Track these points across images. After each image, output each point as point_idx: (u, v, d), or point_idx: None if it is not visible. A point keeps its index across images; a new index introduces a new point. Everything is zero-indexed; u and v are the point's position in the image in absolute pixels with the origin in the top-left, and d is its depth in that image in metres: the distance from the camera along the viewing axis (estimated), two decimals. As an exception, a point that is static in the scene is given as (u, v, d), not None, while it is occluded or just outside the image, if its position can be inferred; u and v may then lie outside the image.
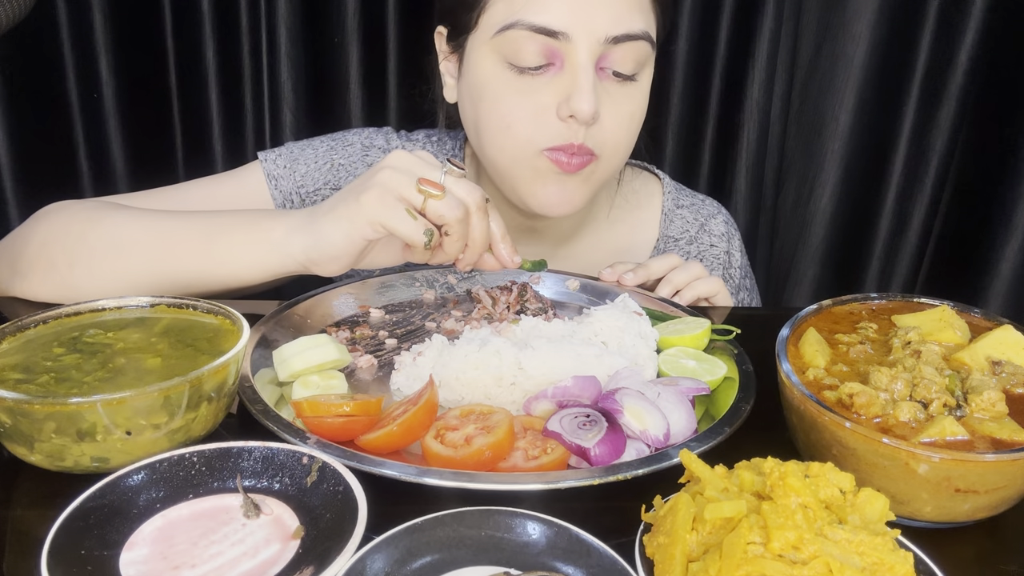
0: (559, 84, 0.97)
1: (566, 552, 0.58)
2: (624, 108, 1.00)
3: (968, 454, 0.61)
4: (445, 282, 1.09)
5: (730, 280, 1.29)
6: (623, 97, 1.00)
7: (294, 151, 1.18)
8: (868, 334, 0.80)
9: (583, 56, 0.94)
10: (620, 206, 1.27)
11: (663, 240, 1.27)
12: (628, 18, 0.95)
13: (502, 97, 0.99)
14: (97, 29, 1.67)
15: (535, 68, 0.96)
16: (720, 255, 1.28)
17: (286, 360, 0.83)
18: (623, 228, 1.27)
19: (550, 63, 0.96)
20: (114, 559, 0.57)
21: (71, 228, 0.98)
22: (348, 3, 1.65)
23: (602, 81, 0.98)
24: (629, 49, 0.96)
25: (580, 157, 0.99)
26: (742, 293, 1.30)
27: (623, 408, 0.72)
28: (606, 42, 0.94)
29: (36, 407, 0.63)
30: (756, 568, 0.50)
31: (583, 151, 0.98)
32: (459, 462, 0.67)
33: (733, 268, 1.29)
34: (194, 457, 0.65)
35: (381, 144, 1.22)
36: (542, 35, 0.94)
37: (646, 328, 0.92)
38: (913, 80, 1.68)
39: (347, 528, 0.57)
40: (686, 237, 1.27)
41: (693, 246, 1.27)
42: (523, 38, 0.95)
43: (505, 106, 0.99)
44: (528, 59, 0.96)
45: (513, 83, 0.98)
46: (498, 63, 0.98)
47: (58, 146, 1.72)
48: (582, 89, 0.94)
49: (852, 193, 1.81)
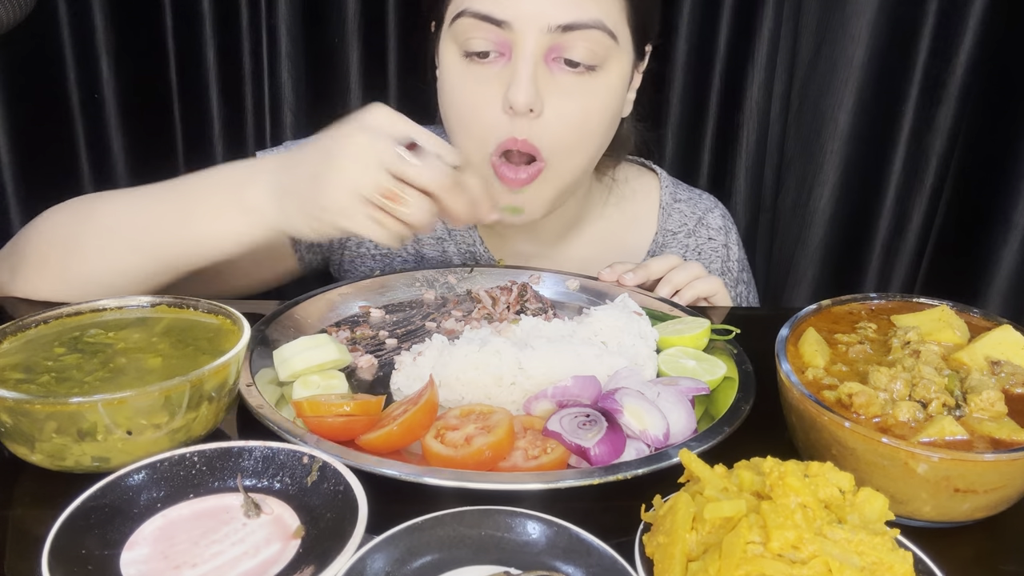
0: (505, 75, 0.95)
1: (566, 552, 0.58)
2: (575, 101, 0.97)
3: (967, 454, 0.61)
4: (445, 282, 1.09)
5: (728, 273, 1.29)
6: (576, 89, 0.96)
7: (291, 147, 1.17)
8: (867, 334, 0.80)
9: (527, 45, 0.93)
10: (617, 201, 1.27)
11: (661, 234, 1.27)
12: (578, 6, 0.92)
13: (456, 88, 0.99)
14: (98, 29, 1.66)
15: (483, 55, 0.95)
16: (718, 248, 1.28)
17: (286, 360, 0.83)
18: (620, 222, 1.27)
19: (500, 53, 0.95)
20: (115, 558, 0.57)
21: (62, 223, 0.98)
22: (348, 3, 1.65)
23: (553, 73, 0.96)
24: (581, 38, 0.93)
25: (525, 171, 0.97)
26: (740, 286, 1.31)
27: (623, 408, 0.72)
28: (553, 30, 0.92)
29: (37, 407, 0.63)
30: (755, 567, 0.50)
31: (527, 147, 0.96)
32: (459, 462, 0.68)
33: (731, 261, 1.29)
34: (195, 457, 0.65)
35: None
36: (487, 23, 0.93)
37: (646, 328, 0.92)
38: (913, 80, 1.68)
39: (347, 528, 0.57)
40: (684, 230, 1.27)
41: (691, 239, 1.27)
42: (471, 26, 0.94)
43: (459, 97, 0.98)
44: (477, 45, 0.95)
45: (465, 70, 0.97)
46: (455, 53, 0.98)
47: (58, 146, 1.72)
48: (520, 79, 0.93)
49: (852, 193, 1.81)
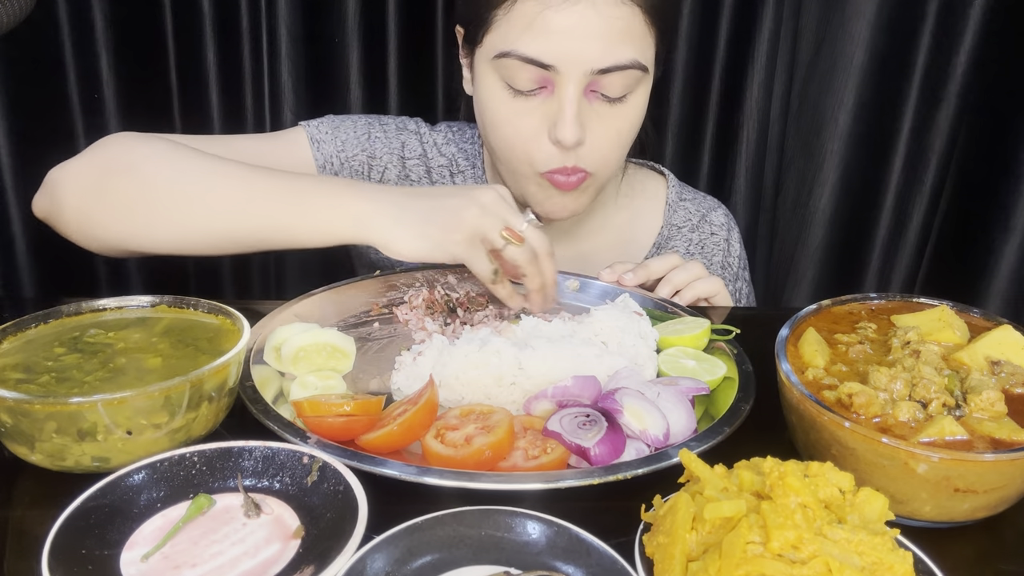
0: (549, 108, 1.03)
1: (566, 552, 0.58)
2: (612, 126, 1.06)
3: (967, 454, 0.61)
4: (446, 281, 1.09)
5: (729, 268, 1.33)
6: (612, 117, 1.06)
7: (335, 121, 1.25)
8: (867, 334, 0.80)
9: (570, 88, 1.00)
10: (627, 194, 1.33)
11: (667, 227, 1.32)
12: (617, 51, 1.00)
13: (502, 120, 1.07)
14: (97, 29, 1.66)
15: (529, 91, 1.03)
16: (720, 243, 1.33)
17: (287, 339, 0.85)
18: (627, 217, 1.33)
19: (543, 87, 1.03)
20: (115, 558, 0.57)
21: (149, 170, 0.97)
22: (348, 3, 1.65)
23: (592, 104, 1.04)
24: (618, 77, 1.01)
25: (576, 175, 1.07)
26: (740, 282, 1.34)
27: (623, 408, 0.72)
28: (594, 73, 1.00)
29: (37, 407, 0.63)
30: (755, 567, 0.50)
31: (576, 171, 1.07)
32: (459, 462, 0.68)
33: (732, 257, 1.34)
34: (195, 457, 0.65)
35: (413, 128, 1.29)
36: (533, 65, 1.00)
37: (646, 328, 0.92)
38: (912, 80, 1.68)
39: (347, 527, 0.57)
40: (688, 225, 1.33)
41: (695, 234, 1.33)
42: (516, 66, 1.01)
43: (505, 129, 1.07)
44: (522, 84, 1.02)
45: (510, 104, 1.05)
46: (497, 82, 1.05)
47: (58, 146, 1.71)
48: (566, 120, 1.01)
49: (852, 193, 1.81)
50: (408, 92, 1.74)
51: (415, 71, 1.73)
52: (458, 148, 1.30)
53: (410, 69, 1.72)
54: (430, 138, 1.29)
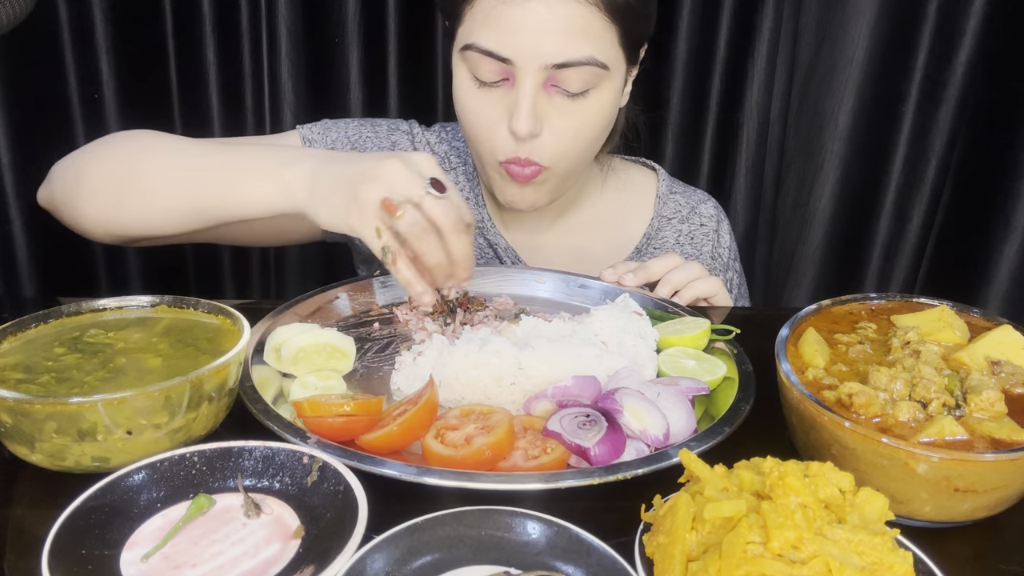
0: (510, 99, 1.06)
1: (566, 552, 0.58)
2: (571, 121, 1.08)
3: (967, 454, 0.61)
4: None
5: (719, 258, 1.35)
6: (571, 112, 1.07)
7: (328, 124, 1.29)
8: (867, 334, 0.80)
9: (527, 81, 1.03)
10: (617, 187, 1.35)
11: (657, 219, 1.34)
12: (572, 47, 1.01)
13: (468, 109, 1.10)
14: (97, 29, 1.66)
15: (492, 83, 1.06)
16: (709, 233, 1.36)
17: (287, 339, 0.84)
18: (618, 208, 1.35)
19: (504, 79, 1.06)
20: (115, 558, 0.57)
21: (124, 156, 1.04)
22: (348, 3, 1.65)
23: (551, 97, 1.06)
24: (575, 72, 1.03)
25: (530, 167, 1.10)
26: (730, 272, 1.36)
27: (623, 408, 0.72)
28: (550, 67, 1.02)
29: (37, 407, 0.63)
30: (756, 567, 0.50)
31: (530, 163, 1.09)
32: (459, 462, 0.68)
33: (722, 248, 1.36)
34: (195, 457, 0.65)
35: (405, 129, 1.32)
36: (491, 58, 1.03)
37: (646, 328, 0.92)
38: (912, 80, 1.68)
39: (347, 527, 0.57)
40: (678, 216, 1.35)
41: (685, 225, 1.35)
42: (478, 58, 1.04)
43: (470, 117, 1.11)
44: (485, 75, 1.05)
45: (475, 94, 1.08)
46: (465, 73, 1.09)
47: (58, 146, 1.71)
48: (521, 112, 1.04)
49: (852, 193, 1.81)
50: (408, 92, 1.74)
51: (415, 71, 1.73)
52: (450, 146, 1.33)
53: (410, 69, 1.73)
54: (422, 137, 1.32)
